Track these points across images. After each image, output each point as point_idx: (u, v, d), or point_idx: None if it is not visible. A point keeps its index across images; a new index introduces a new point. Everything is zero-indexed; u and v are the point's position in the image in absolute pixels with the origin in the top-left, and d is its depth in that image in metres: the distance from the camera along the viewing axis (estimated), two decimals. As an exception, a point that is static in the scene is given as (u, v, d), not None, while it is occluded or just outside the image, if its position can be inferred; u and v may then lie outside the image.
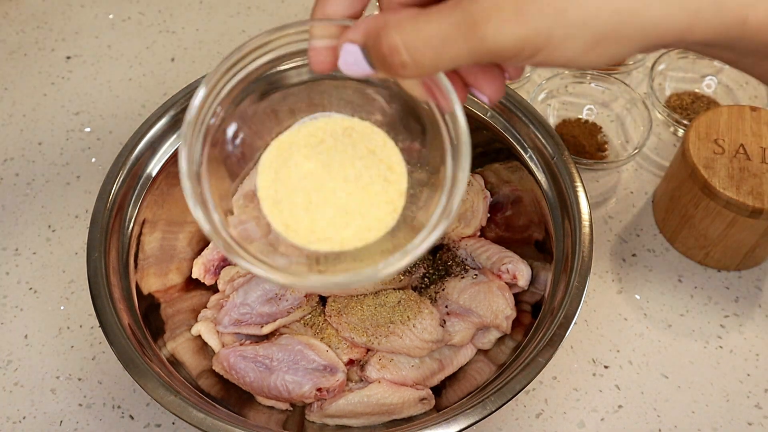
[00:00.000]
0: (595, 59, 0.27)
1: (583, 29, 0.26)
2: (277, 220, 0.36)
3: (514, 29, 0.26)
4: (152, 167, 0.54)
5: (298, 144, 0.37)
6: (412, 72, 0.29)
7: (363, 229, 0.36)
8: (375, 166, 0.36)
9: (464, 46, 0.27)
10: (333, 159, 0.36)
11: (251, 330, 0.54)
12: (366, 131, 0.37)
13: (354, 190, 0.36)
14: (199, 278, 0.58)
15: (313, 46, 0.33)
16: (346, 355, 0.53)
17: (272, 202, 0.36)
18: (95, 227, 0.51)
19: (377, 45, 0.29)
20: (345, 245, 0.35)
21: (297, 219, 0.35)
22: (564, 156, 0.53)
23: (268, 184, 0.36)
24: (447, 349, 0.54)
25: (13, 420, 0.55)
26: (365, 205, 0.36)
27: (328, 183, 0.36)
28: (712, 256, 0.62)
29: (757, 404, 0.56)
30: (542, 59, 0.27)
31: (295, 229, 0.35)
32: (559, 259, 0.51)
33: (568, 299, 0.47)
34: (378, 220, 0.36)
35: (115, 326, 0.47)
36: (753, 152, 0.58)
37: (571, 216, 0.51)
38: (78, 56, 0.78)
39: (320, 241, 0.35)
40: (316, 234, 0.35)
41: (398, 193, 0.36)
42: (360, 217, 0.35)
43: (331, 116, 0.38)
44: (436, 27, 0.27)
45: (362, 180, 0.36)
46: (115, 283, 0.50)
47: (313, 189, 0.36)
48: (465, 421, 0.43)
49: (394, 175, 0.36)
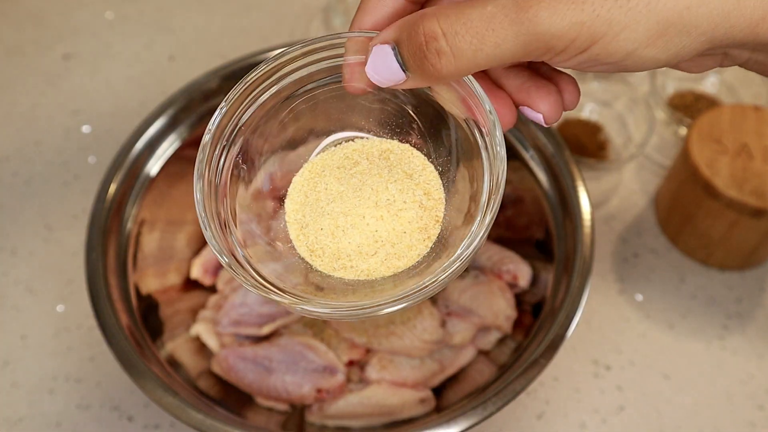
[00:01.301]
0: (658, 53, 0.25)
1: (646, 15, 0.24)
2: (302, 245, 0.34)
3: (570, 13, 0.24)
4: (151, 167, 0.54)
5: (332, 166, 0.35)
6: (449, 64, 0.26)
7: (392, 257, 0.33)
8: (410, 190, 0.34)
9: (510, 30, 0.24)
10: (365, 183, 0.34)
11: (250, 330, 0.54)
12: (405, 154, 0.35)
13: (385, 216, 0.34)
14: (198, 278, 0.57)
15: (348, 63, 0.31)
16: (345, 355, 0.53)
17: (299, 226, 0.34)
18: (93, 227, 0.50)
19: (412, 35, 0.26)
20: (372, 274, 0.33)
21: (322, 245, 0.34)
22: (565, 155, 0.53)
23: (296, 207, 0.35)
24: (447, 349, 0.54)
25: (11, 421, 0.55)
26: (396, 233, 0.34)
27: (357, 207, 0.34)
28: (715, 257, 0.61)
29: (760, 405, 0.56)
30: (597, 52, 0.25)
31: (319, 255, 0.34)
32: (560, 260, 0.51)
33: (569, 300, 0.47)
34: (410, 248, 0.34)
35: (114, 327, 0.47)
36: (756, 152, 0.57)
37: (572, 216, 0.51)
38: (76, 55, 0.78)
39: (345, 269, 0.33)
40: (341, 261, 0.34)
41: (434, 220, 0.34)
42: (390, 244, 0.33)
43: (369, 138, 0.36)
44: (480, 9, 0.25)
45: (395, 205, 0.34)
46: (113, 283, 0.49)
47: (341, 213, 0.34)
48: (465, 422, 0.43)
49: (431, 201, 0.34)
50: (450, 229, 0.34)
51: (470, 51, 0.25)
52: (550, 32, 0.24)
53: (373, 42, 0.28)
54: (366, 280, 0.33)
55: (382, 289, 0.33)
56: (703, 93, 0.73)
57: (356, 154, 0.35)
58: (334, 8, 0.78)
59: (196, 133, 0.56)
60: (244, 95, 0.32)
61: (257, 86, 0.33)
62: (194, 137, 0.56)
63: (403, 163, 0.35)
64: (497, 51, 0.25)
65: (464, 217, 0.34)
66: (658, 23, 0.24)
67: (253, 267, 0.32)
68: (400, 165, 0.35)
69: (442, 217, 0.34)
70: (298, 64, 0.33)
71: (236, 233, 0.34)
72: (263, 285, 0.31)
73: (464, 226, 0.33)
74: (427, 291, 0.30)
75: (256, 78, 0.32)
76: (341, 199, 0.34)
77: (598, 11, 0.24)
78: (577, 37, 0.24)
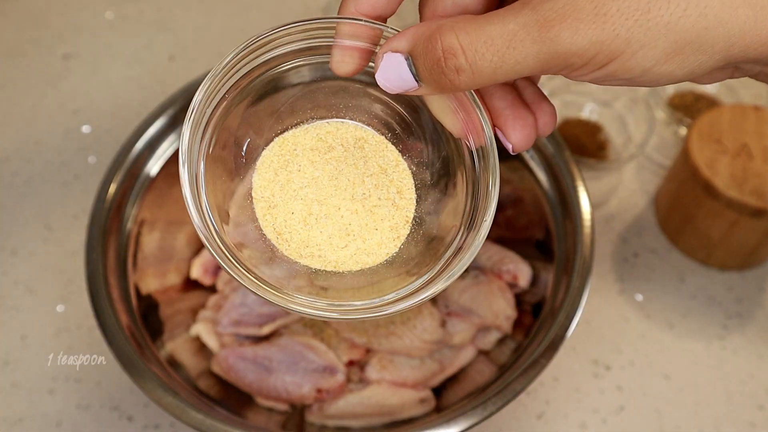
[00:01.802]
0: (674, 69, 0.25)
1: (665, 34, 0.24)
2: (269, 225, 0.33)
3: (591, 31, 0.24)
4: (151, 167, 0.54)
5: (304, 146, 0.34)
6: (468, 80, 0.26)
7: (362, 252, 0.33)
8: (385, 187, 0.34)
9: (532, 48, 0.24)
10: (341, 172, 0.34)
11: (250, 330, 0.54)
12: (380, 146, 0.34)
13: (360, 210, 0.33)
14: (198, 278, 0.57)
15: (339, 45, 0.30)
16: (345, 355, 0.53)
17: (267, 205, 0.33)
18: (93, 227, 0.50)
19: (429, 48, 0.26)
20: (340, 266, 0.33)
21: (291, 229, 0.33)
22: (565, 155, 0.53)
23: (264, 184, 0.34)
24: (447, 349, 0.54)
25: (11, 421, 0.55)
26: (368, 229, 0.33)
27: (333, 197, 0.33)
28: (715, 257, 0.61)
29: (760, 405, 0.56)
30: (615, 68, 0.25)
31: (287, 239, 0.33)
32: (560, 260, 0.51)
33: (569, 300, 0.47)
34: (379, 245, 0.33)
35: (114, 327, 0.46)
36: (756, 152, 0.57)
37: (572, 216, 0.51)
38: (76, 55, 0.78)
39: (312, 257, 0.33)
40: (309, 249, 0.33)
41: (404, 220, 0.34)
42: (361, 239, 0.33)
43: (344, 122, 0.35)
44: (500, 27, 0.25)
45: (370, 200, 0.33)
46: (113, 283, 0.49)
47: (316, 200, 0.33)
48: (465, 422, 0.43)
49: (403, 200, 0.34)
50: (437, 233, 0.34)
51: (490, 69, 0.25)
52: (571, 50, 0.24)
53: (384, 49, 0.27)
54: (369, 283, 0.33)
55: (383, 289, 0.32)
56: (703, 93, 0.73)
57: (330, 137, 0.34)
58: (333, 8, 0.78)
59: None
60: (229, 68, 0.31)
61: (244, 57, 0.31)
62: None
63: (377, 156, 0.34)
64: (517, 68, 0.25)
65: (454, 227, 0.33)
66: (676, 42, 0.24)
67: (248, 267, 0.32)
68: (374, 158, 0.34)
69: (412, 218, 0.34)
70: (282, 41, 0.32)
71: (231, 234, 0.33)
72: (260, 284, 0.31)
73: (452, 236, 0.33)
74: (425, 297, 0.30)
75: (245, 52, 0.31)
76: (316, 186, 0.33)
77: (618, 30, 0.24)
78: (597, 54, 0.24)
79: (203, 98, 0.31)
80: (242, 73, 0.32)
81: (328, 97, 0.35)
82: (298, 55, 0.33)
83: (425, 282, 0.31)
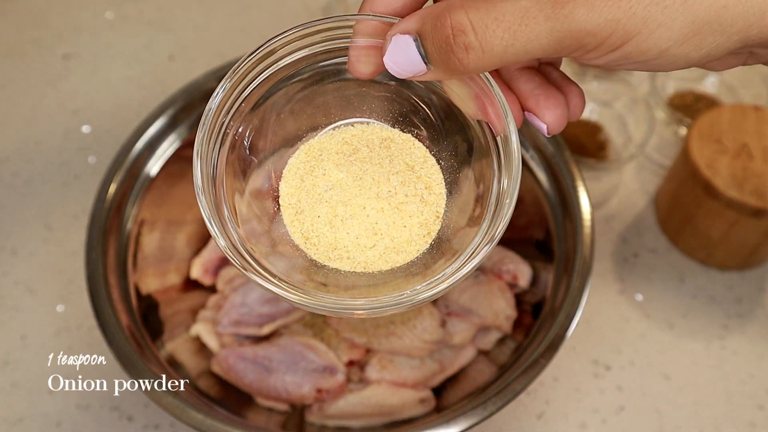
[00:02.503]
0: (691, 51, 0.24)
1: (683, 13, 0.23)
2: (297, 231, 0.33)
3: (607, 9, 0.23)
4: (151, 167, 0.54)
5: (330, 151, 0.34)
6: (477, 59, 0.25)
7: (391, 251, 0.33)
8: (412, 183, 0.33)
9: (545, 26, 0.23)
10: (366, 172, 0.33)
11: (250, 330, 0.54)
12: (406, 144, 0.34)
13: (386, 208, 0.33)
14: (198, 278, 0.57)
15: (356, 45, 0.30)
16: (345, 355, 0.53)
17: (294, 211, 0.33)
18: (93, 227, 0.50)
19: (438, 26, 0.25)
20: (368, 267, 0.32)
21: (318, 233, 0.33)
22: (565, 155, 0.53)
23: (291, 191, 0.33)
24: (447, 349, 0.54)
25: (11, 421, 0.55)
26: (396, 227, 0.33)
27: (358, 197, 0.33)
28: (715, 257, 0.61)
29: (760, 405, 0.56)
30: (630, 50, 0.24)
31: (314, 243, 0.33)
32: (560, 260, 0.51)
33: (569, 300, 0.47)
34: (409, 243, 0.33)
35: (114, 327, 0.46)
36: (756, 152, 0.57)
37: (572, 216, 0.51)
38: (76, 55, 0.78)
39: (341, 259, 0.33)
40: (337, 251, 0.33)
41: (435, 215, 0.33)
42: (389, 238, 0.33)
43: (369, 124, 0.35)
44: (512, 3, 0.24)
45: (396, 198, 0.33)
46: (113, 283, 0.49)
47: (341, 202, 0.33)
48: (465, 423, 0.43)
49: (432, 195, 0.33)
50: (452, 229, 0.33)
51: (501, 47, 0.24)
52: (586, 29, 0.23)
53: (393, 31, 0.27)
54: (370, 280, 0.33)
55: (384, 288, 0.32)
56: (703, 93, 0.73)
57: (355, 139, 0.34)
58: (334, 8, 0.78)
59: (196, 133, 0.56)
60: (244, 74, 0.31)
61: (259, 62, 0.31)
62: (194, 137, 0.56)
63: (404, 154, 0.34)
64: (528, 47, 0.24)
65: (468, 219, 0.33)
66: (694, 21, 0.23)
67: (256, 259, 0.32)
68: (401, 156, 0.34)
69: (443, 213, 0.33)
70: (298, 45, 0.31)
71: (239, 231, 0.33)
72: (266, 276, 0.31)
73: (468, 228, 0.32)
74: (432, 296, 0.29)
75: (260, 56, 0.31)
76: (341, 187, 0.33)
77: (635, 8, 0.23)
78: (612, 34, 0.24)
79: (218, 104, 0.31)
80: (259, 80, 0.32)
81: (350, 99, 0.35)
82: (317, 58, 0.32)
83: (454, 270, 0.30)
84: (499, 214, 0.30)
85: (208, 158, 0.31)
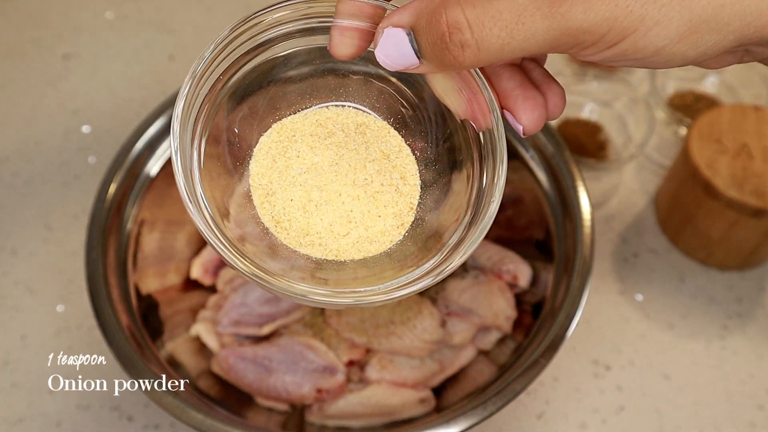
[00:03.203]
0: (687, 50, 0.24)
1: (680, 11, 0.23)
2: (267, 214, 0.32)
3: (604, 7, 0.23)
4: (151, 167, 0.54)
5: (303, 132, 0.33)
6: (473, 56, 0.24)
7: (365, 240, 0.32)
8: (387, 172, 0.33)
9: (542, 24, 0.23)
10: (342, 157, 0.33)
11: (250, 330, 0.54)
12: (381, 132, 0.33)
13: (362, 196, 0.32)
14: (198, 278, 0.57)
15: (338, 26, 0.29)
16: (345, 355, 0.53)
17: (264, 192, 0.32)
18: (93, 227, 0.50)
19: (433, 23, 0.25)
20: (341, 255, 0.32)
21: (290, 216, 0.32)
22: (565, 155, 0.53)
23: (262, 171, 0.32)
24: (447, 349, 0.54)
25: (11, 421, 0.55)
26: (371, 216, 0.32)
27: (334, 183, 0.32)
28: (715, 257, 0.61)
29: (760, 405, 0.56)
30: (626, 47, 0.24)
31: (285, 228, 0.32)
32: (560, 260, 0.51)
33: (569, 300, 0.47)
34: (383, 233, 0.32)
35: (114, 327, 0.46)
36: (756, 152, 0.57)
37: (572, 216, 0.51)
38: (76, 55, 0.78)
39: (313, 246, 0.32)
40: (309, 237, 0.32)
41: (408, 206, 0.33)
42: (363, 227, 0.32)
43: (345, 108, 0.34)
44: (509, 0, 0.24)
45: (372, 186, 0.32)
46: (113, 283, 0.49)
47: (315, 186, 0.32)
48: (465, 423, 0.43)
49: (407, 186, 0.33)
50: (429, 222, 0.33)
51: (497, 45, 0.24)
52: (582, 27, 0.23)
53: (384, 24, 0.26)
54: (371, 274, 0.32)
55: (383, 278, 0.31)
56: (703, 93, 0.73)
57: (330, 122, 0.33)
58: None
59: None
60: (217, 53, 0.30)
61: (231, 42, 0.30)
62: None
63: (379, 141, 0.33)
64: (525, 45, 0.24)
65: (446, 213, 0.33)
66: (691, 20, 0.23)
67: (252, 260, 0.31)
68: (376, 143, 0.33)
69: (416, 204, 0.33)
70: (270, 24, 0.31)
71: (232, 230, 0.32)
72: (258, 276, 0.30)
73: (456, 223, 0.32)
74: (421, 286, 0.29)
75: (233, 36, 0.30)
76: (316, 171, 0.32)
77: (632, 6, 0.23)
78: (609, 32, 0.24)
79: (192, 86, 0.30)
80: (234, 57, 0.31)
81: (327, 81, 0.34)
82: (294, 37, 0.32)
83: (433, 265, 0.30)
84: (482, 211, 0.29)
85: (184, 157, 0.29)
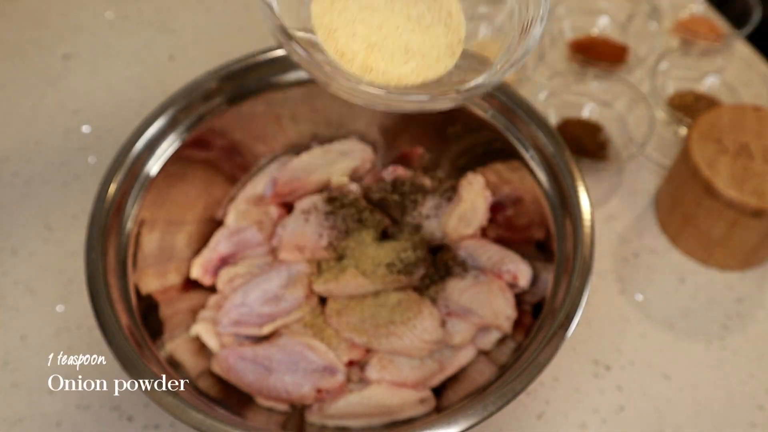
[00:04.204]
0: None
1: None
2: (331, 48, 0.35)
3: None
4: (151, 167, 0.54)
5: None
6: None
7: (423, 67, 0.35)
8: (436, 9, 0.36)
9: None
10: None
11: (250, 330, 0.54)
12: None
13: (416, 28, 0.36)
14: (198, 278, 0.57)
15: None
16: (345, 355, 0.53)
17: (327, 31, 0.35)
18: (93, 227, 0.50)
19: None
20: (402, 80, 0.35)
21: (354, 49, 0.35)
22: (565, 155, 0.53)
23: (322, 12, 0.36)
24: (447, 349, 0.54)
25: (11, 421, 0.55)
26: (426, 46, 0.36)
27: (391, 18, 0.36)
28: (715, 257, 0.61)
29: (760, 405, 0.56)
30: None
31: (350, 59, 0.35)
32: (560, 260, 0.51)
33: (569, 300, 0.47)
34: (437, 60, 0.36)
35: (114, 327, 0.46)
36: (756, 152, 0.57)
37: (572, 216, 0.51)
38: (76, 55, 0.78)
39: (376, 73, 0.35)
40: (372, 66, 0.35)
41: (457, 39, 0.36)
42: (420, 56, 0.35)
43: None
44: None
45: (425, 20, 0.36)
46: (113, 283, 0.49)
47: (375, 22, 0.36)
48: (465, 422, 0.43)
49: (454, 22, 0.36)
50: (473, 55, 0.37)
51: None
52: None
53: None
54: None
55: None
56: (703, 93, 0.73)
57: None
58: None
59: (196, 133, 0.56)
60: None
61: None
62: (194, 137, 0.56)
63: None
64: None
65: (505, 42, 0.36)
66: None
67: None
68: None
69: (463, 37, 0.36)
70: None
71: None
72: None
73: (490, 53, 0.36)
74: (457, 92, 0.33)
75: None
76: (372, 9, 0.36)
77: None
78: None
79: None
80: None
81: None
82: None
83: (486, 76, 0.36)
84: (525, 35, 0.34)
85: None
